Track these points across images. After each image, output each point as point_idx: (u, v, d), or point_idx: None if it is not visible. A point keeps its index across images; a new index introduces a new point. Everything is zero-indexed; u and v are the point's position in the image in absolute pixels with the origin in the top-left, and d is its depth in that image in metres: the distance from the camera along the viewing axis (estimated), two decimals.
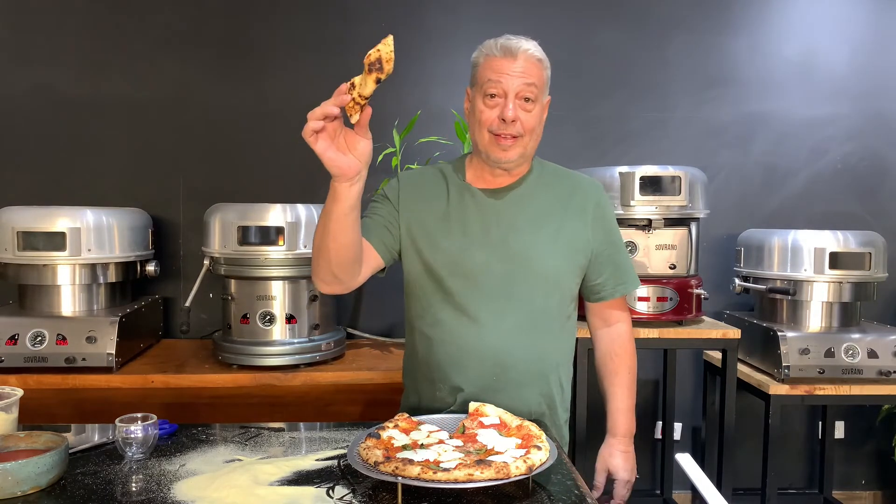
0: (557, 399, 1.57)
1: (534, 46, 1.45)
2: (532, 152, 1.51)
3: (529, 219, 1.51)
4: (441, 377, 1.52)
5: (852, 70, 3.00)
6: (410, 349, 1.61)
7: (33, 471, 1.13)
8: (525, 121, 1.43)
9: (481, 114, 1.45)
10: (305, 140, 1.19)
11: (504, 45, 1.43)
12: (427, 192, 1.54)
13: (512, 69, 1.41)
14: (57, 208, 2.32)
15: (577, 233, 1.53)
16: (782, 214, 3.00)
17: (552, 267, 1.50)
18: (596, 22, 2.93)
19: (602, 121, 2.96)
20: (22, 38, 2.76)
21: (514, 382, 1.50)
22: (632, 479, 1.64)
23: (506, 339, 1.48)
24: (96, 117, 2.80)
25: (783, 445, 2.95)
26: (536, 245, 1.49)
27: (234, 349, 2.31)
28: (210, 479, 1.20)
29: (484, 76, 1.44)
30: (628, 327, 1.67)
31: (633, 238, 2.46)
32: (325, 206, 1.29)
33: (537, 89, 1.44)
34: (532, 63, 1.43)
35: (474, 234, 1.49)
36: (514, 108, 1.42)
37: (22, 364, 2.17)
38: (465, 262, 1.48)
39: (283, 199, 2.36)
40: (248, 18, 2.82)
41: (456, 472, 1.08)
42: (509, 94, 1.42)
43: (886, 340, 2.40)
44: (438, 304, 1.51)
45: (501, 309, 1.48)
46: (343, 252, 1.34)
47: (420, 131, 2.63)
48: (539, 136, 1.50)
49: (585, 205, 1.55)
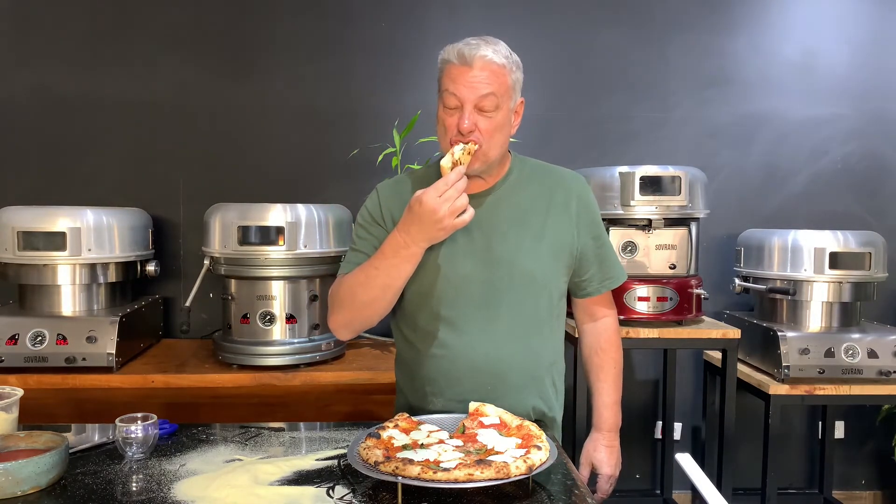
0: (554, 398, 1.57)
1: (493, 51, 1.37)
2: (497, 158, 1.44)
3: (512, 221, 1.47)
4: (434, 391, 1.49)
5: (852, 70, 3.00)
6: (400, 355, 1.59)
7: (33, 471, 1.13)
8: (484, 128, 1.37)
9: (443, 121, 1.41)
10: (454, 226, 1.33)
11: (460, 53, 1.36)
12: (405, 203, 1.41)
13: (468, 79, 1.35)
14: (57, 208, 2.32)
15: (561, 231, 1.49)
16: (782, 214, 3.00)
17: (539, 269, 1.47)
18: (596, 22, 2.93)
19: (602, 121, 2.96)
20: (22, 38, 2.76)
21: (510, 389, 1.47)
22: (615, 473, 1.63)
23: (498, 347, 1.45)
24: (96, 117, 2.80)
25: (783, 445, 2.95)
26: (521, 248, 1.45)
27: (235, 349, 2.31)
28: (210, 479, 1.20)
29: (442, 84, 1.40)
30: (614, 322, 1.65)
31: (633, 238, 2.46)
32: (385, 267, 1.37)
33: (497, 97, 1.37)
34: (491, 70, 1.36)
35: (457, 242, 1.44)
36: (472, 118, 1.36)
37: (22, 364, 2.17)
38: (451, 273, 1.44)
39: (283, 199, 2.36)
40: (249, 19, 2.83)
41: (456, 471, 1.08)
42: (465, 105, 1.36)
43: (886, 340, 2.40)
44: (426, 315, 1.47)
45: (491, 317, 1.45)
46: (386, 309, 1.45)
47: (420, 131, 2.63)
48: (504, 141, 1.44)
49: (568, 200, 1.51)
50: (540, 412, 1.53)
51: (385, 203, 1.52)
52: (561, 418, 1.62)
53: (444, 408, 1.47)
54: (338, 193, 2.75)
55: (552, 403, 1.56)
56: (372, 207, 1.53)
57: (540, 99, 2.92)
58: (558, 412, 1.60)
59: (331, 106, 2.84)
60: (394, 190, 1.54)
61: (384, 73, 2.87)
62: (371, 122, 2.84)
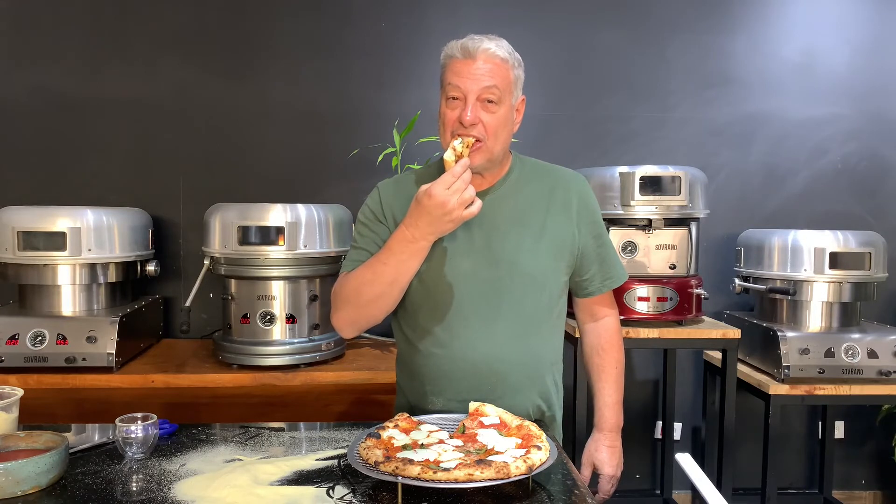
0: (554, 397, 1.57)
1: (496, 45, 1.39)
2: (501, 155, 1.45)
3: (512, 220, 1.47)
4: (434, 391, 1.49)
5: (852, 70, 3.00)
6: (401, 355, 1.59)
7: (33, 470, 1.14)
8: (488, 123, 1.39)
9: (444, 115, 1.42)
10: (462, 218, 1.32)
11: (464, 46, 1.39)
12: (408, 201, 1.41)
13: (471, 71, 1.38)
14: (57, 208, 2.32)
15: (561, 230, 1.49)
16: (782, 214, 3.00)
17: (538, 267, 1.47)
18: (596, 22, 2.93)
19: (602, 121, 2.96)
20: (22, 38, 2.76)
21: (511, 388, 1.47)
22: (617, 473, 1.63)
23: (498, 346, 1.45)
24: (96, 117, 2.80)
25: (783, 445, 2.95)
26: (521, 247, 1.46)
27: (235, 349, 2.31)
28: (210, 479, 1.20)
29: (445, 79, 1.42)
30: (615, 321, 1.65)
31: (633, 238, 2.46)
32: (393, 263, 1.36)
33: (500, 91, 1.39)
34: (494, 63, 1.39)
35: (458, 241, 1.45)
36: (474, 110, 1.38)
37: (22, 364, 2.17)
38: (450, 272, 1.45)
39: (283, 199, 2.36)
40: (249, 18, 2.83)
41: (456, 471, 1.08)
42: (469, 97, 1.38)
43: (886, 340, 2.40)
44: (426, 314, 1.48)
45: (491, 316, 1.45)
46: (392, 305, 1.43)
47: (420, 131, 2.63)
48: (507, 138, 1.44)
49: (569, 199, 1.51)
50: (540, 411, 1.53)
51: (386, 201, 1.52)
52: (561, 417, 1.62)
53: (445, 407, 1.47)
54: (337, 193, 2.75)
55: (552, 402, 1.56)
56: (373, 205, 1.53)
57: (540, 99, 2.92)
58: (558, 411, 1.60)
59: (331, 106, 2.84)
60: (395, 188, 1.55)
61: (384, 73, 2.87)
62: (371, 122, 2.84)
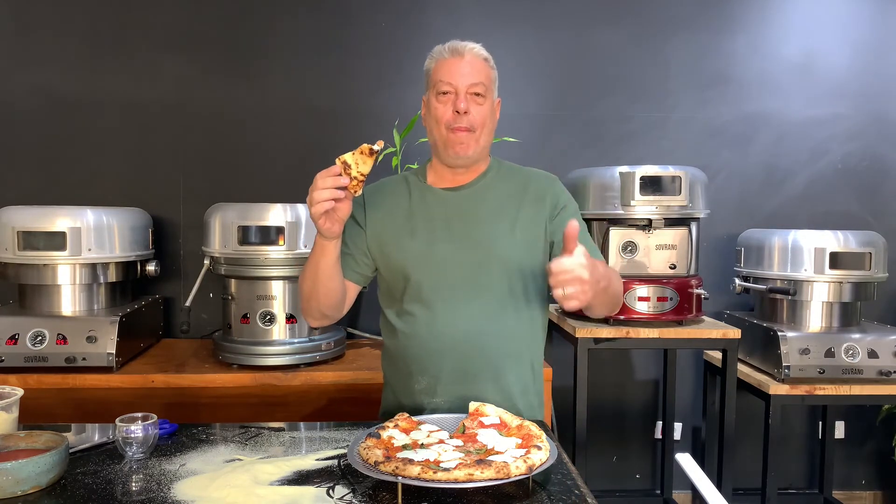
0: (531, 381, 1.62)
1: (479, 47, 1.56)
2: (486, 148, 1.59)
3: (489, 211, 1.59)
4: (418, 369, 1.56)
5: (853, 70, 3.00)
6: (386, 344, 1.66)
7: (33, 470, 1.14)
8: (476, 115, 1.52)
9: (436, 111, 1.54)
10: (314, 220, 1.38)
11: (451, 47, 1.55)
12: (390, 198, 1.63)
13: (460, 67, 1.52)
14: (57, 208, 2.32)
15: (533, 222, 1.58)
16: (782, 214, 3.00)
17: (511, 254, 1.56)
18: (596, 22, 2.92)
19: (602, 121, 2.96)
20: (22, 39, 2.76)
21: (489, 364, 1.54)
22: (584, 275, 1.26)
23: (477, 321, 1.53)
24: (96, 117, 2.80)
25: (783, 445, 2.95)
26: (497, 234, 1.56)
27: (235, 349, 2.31)
28: (210, 479, 1.20)
29: (436, 77, 1.55)
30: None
31: (634, 238, 2.46)
32: (311, 258, 1.48)
33: (485, 86, 1.54)
34: (479, 61, 1.54)
35: (439, 229, 1.57)
36: (467, 101, 1.51)
37: (22, 364, 2.18)
38: (431, 255, 1.55)
39: (283, 198, 2.36)
40: (249, 18, 2.83)
41: (456, 471, 1.08)
42: (460, 90, 1.51)
43: (886, 340, 2.40)
44: (409, 299, 1.57)
45: (469, 296, 1.54)
46: (332, 295, 1.53)
47: (420, 131, 2.63)
48: (491, 132, 1.59)
49: (541, 195, 1.61)
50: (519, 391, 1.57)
51: (367, 198, 1.62)
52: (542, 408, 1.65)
53: (428, 386, 1.54)
54: None
55: (529, 387, 1.61)
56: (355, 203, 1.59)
57: (540, 99, 2.92)
58: (534, 399, 1.62)
59: (331, 106, 2.84)
60: (376, 187, 1.66)
61: (384, 73, 2.87)
62: (371, 122, 2.84)
